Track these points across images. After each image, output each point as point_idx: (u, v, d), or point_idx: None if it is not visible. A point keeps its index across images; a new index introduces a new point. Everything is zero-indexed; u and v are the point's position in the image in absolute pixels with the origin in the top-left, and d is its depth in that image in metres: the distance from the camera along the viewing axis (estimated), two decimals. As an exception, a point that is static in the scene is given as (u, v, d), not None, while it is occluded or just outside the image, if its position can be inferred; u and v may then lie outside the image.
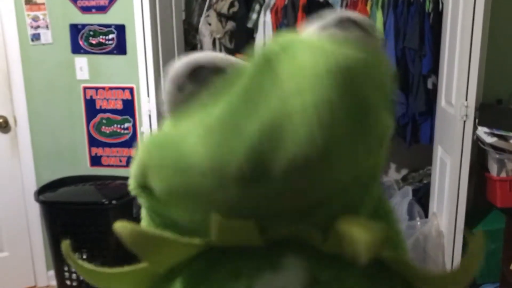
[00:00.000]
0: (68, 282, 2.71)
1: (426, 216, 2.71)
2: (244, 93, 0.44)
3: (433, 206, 2.68)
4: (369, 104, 0.45)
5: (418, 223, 2.60)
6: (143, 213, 0.56)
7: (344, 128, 0.42)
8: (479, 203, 2.39)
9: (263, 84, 0.44)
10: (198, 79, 0.48)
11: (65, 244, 0.50)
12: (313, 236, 0.45)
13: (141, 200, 0.53)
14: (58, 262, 2.71)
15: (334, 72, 0.42)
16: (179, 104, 0.49)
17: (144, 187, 0.52)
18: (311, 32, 0.50)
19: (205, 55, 0.50)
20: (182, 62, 0.50)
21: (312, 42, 0.47)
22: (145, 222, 0.55)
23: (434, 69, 2.74)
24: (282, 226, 0.46)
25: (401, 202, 2.69)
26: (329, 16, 0.50)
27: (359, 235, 0.40)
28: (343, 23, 0.49)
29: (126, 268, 0.49)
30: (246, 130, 0.42)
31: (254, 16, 3.01)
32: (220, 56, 0.50)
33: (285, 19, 2.90)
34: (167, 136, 0.49)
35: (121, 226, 0.47)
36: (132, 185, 0.53)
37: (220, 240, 0.46)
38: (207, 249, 0.48)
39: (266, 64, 0.45)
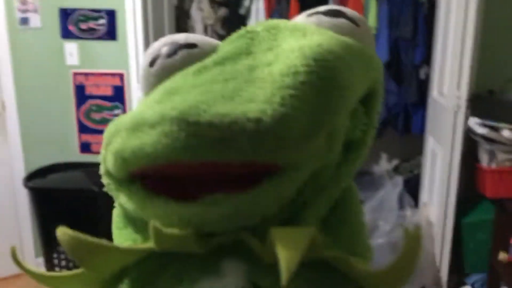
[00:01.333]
0: (57, 270, 2.69)
1: (417, 206, 2.72)
2: (218, 63, 0.44)
3: (424, 196, 2.68)
4: (338, 87, 0.43)
5: (408, 213, 2.61)
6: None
7: (308, 101, 0.41)
8: (469, 193, 2.39)
9: (238, 57, 0.44)
10: (170, 54, 0.49)
11: (12, 249, 0.49)
12: (253, 244, 0.43)
13: (107, 186, 0.52)
14: (47, 249, 2.70)
15: (306, 48, 0.42)
16: (152, 79, 0.50)
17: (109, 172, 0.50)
18: (300, 18, 0.51)
19: (182, 34, 0.51)
20: (158, 40, 0.51)
21: (296, 25, 0.48)
22: (114, 214, 0.54)
23: (427, 59, 2.73)
24: (224, 229, 0.44)
25: (391, 192, 2.69)
26: (319, 6, 0.51)
27: (280, 251, 0.38)
28: (332, 12, 0.49)
29: (73, 272, 0.48)
30: (211, 90, 0.41)
31: (246, 2, 2.98)
32: (194, 36, 0.50)
33: (278, 6, 2.88)
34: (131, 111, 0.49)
35: (61, 232, 0.46)
36: (104, 179, 0.52)
37: (159, 248, 0.44)
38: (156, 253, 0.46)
39: (243, 48, 0.45)
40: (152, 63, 0.50)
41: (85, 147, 2.79)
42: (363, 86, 0.47)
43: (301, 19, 0.51)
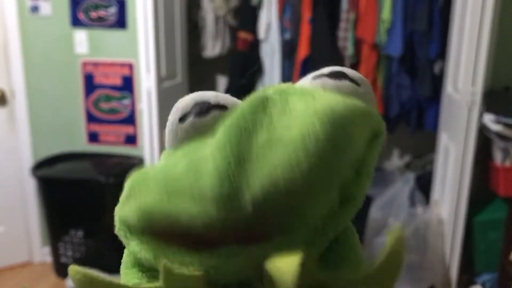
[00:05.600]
0: (63, 259, 2.69)
1: (428, 203, 2.68)
2: (235, 128, 0.47)
3: (435, 193, 2.64)
4: (351, 149, 0.47)
5: (419, 210, 2.57)
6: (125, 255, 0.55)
7: (328, 165, 0.44)
8: (481, 191, 2.35)
9: (254, 123, 0.47)
10: (201, 113, 0.52)
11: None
12: (256, 283, 0.46)
13: (118, 232, 0.53)
14: (54, 238, 2.69)
15: (321, 113, 0.45)
16: (181, 135, 0.53)
17: (128, 226, 0.52)
18: (305, 80, 0.55)
19: (211, 93, 0.54)
20: (188, 96, 0.54)
21: (304, 89, 0.51)
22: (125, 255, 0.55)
23: (442, 54, 2.68)
24: (237, 279, 0.47)
25: (402, 188, 2.66)
26: (323, 69, 0.54)
27: (276, 280, 0.41)
28: (336, 74, 0.53)
29: None
30: (233, 159, 0.45)
31: (259, -7, 2.94)
32: (223, 96, 0.54)
33: (291, -2, 2.83)
34: (158, 166, 0.51)
35: (72, 271, 0.46)
36: (116, 224, 0.53)
37: (167, 287, 0.46)
38: None
39: (260, 105, 0.48)
40: (181, 119, 0.53)
41: (93, 137, 2.77)
42: (364, 141, 0.51)
43: (307, 81, 0.54)
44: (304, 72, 2.80)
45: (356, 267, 0.51)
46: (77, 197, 2.60)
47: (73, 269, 0.46)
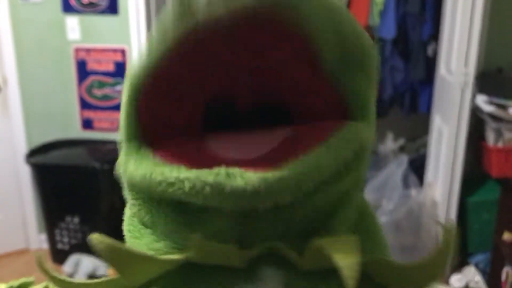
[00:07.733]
0: (59, 246, 2.70)
1: (422, 186, 2.70)
2: None
3: (429, 175, 2.66)
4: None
5: (413, 192, 2.59)
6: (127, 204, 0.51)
7: None
8: (474, 173, 2.37)
9: None
10: None
11: (38, 256, 0.45)
12: (288, 253, 0.42)
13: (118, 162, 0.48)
14: (50, 225, 2.70)
15: None
16: None
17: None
18: None
19: None
20: None
21: None
22: (126, 222, 0.51)
23: (435, 36, 2.68)
24: (259, 237, 0.43)
25: (396, 171, 2.67)
26: None
27: (339, 261, 0.38)
28: None
29: (101, 280, 0.45)
30: None
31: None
32: None
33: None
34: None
35: (97, 240, 0.43)
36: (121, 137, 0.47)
37: (198, 259, 0.43)
38: (185, 262, 0.44)
39: None
40: None
41: (87, 124, 2.77)
42: None
43: None
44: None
45: (382, 245, 0.49)
46: (72, 184, 2.60)
47: (98, 239, 0.42)
